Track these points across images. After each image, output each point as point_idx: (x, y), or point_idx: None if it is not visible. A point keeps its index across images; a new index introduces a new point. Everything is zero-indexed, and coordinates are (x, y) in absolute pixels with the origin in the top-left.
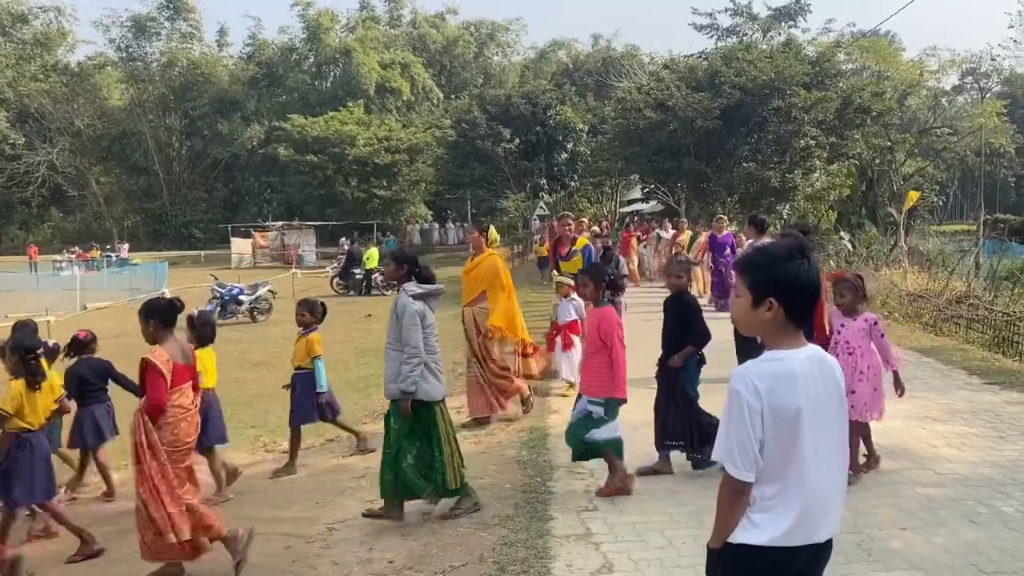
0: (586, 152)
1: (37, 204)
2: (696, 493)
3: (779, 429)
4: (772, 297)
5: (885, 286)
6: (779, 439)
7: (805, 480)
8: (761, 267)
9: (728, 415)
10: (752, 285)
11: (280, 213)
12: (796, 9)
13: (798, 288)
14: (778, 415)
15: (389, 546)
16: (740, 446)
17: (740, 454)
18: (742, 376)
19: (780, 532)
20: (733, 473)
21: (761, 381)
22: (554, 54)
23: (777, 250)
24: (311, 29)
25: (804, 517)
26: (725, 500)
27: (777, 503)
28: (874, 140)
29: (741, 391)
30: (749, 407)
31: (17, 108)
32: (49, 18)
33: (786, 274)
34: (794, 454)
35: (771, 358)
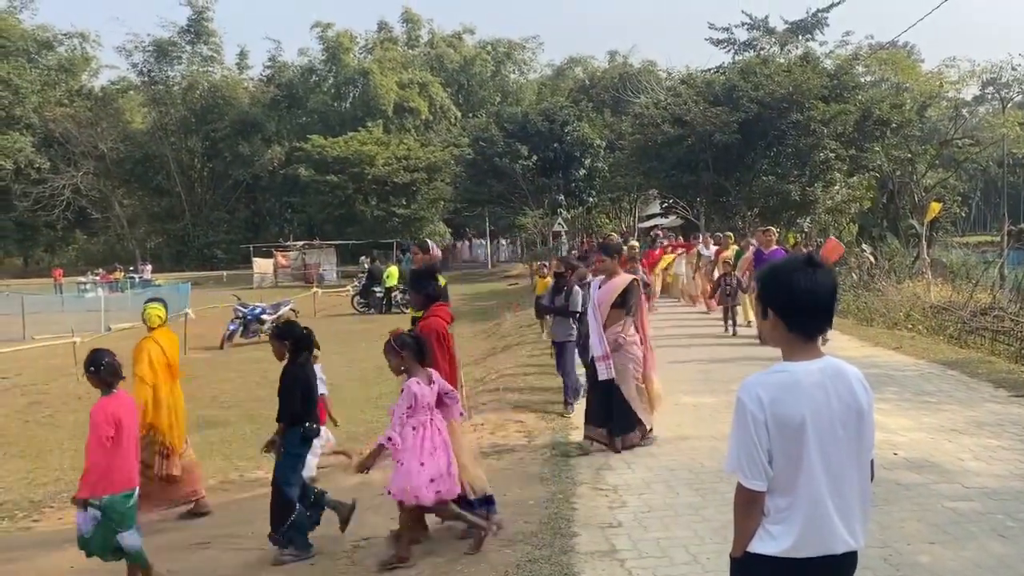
0: (604, 168)
1: (62, 227)
2: (719, 509)
3: (784, 439)
4: (770, 308)
5: (908, 298)
6: (786, 449)
7: (813, 491)
8: (762, 281)
9: (735, 425)
10: (758, 299)
11: (301, 233)
12: (813, 22)
13: (791, 301)
14: (782, 425)
15: (414, 562)
16: (747, 456)
17: (748, 463)
18: (747, 387)
19: (790, 543)
20: (743, 482)
21: (765, 392)
22: (571, 71)
23: (781, 264)
24: (330, 50)
25: (814, 528)
26: (739, 509)
27: (789, 514)
28: (894, 152)
29: (745, 401)
30: (753, 417)
31: (42, 133)
32: (74, 44)
33: (781, 287)
34: (801, 465)
35: (778, 369)
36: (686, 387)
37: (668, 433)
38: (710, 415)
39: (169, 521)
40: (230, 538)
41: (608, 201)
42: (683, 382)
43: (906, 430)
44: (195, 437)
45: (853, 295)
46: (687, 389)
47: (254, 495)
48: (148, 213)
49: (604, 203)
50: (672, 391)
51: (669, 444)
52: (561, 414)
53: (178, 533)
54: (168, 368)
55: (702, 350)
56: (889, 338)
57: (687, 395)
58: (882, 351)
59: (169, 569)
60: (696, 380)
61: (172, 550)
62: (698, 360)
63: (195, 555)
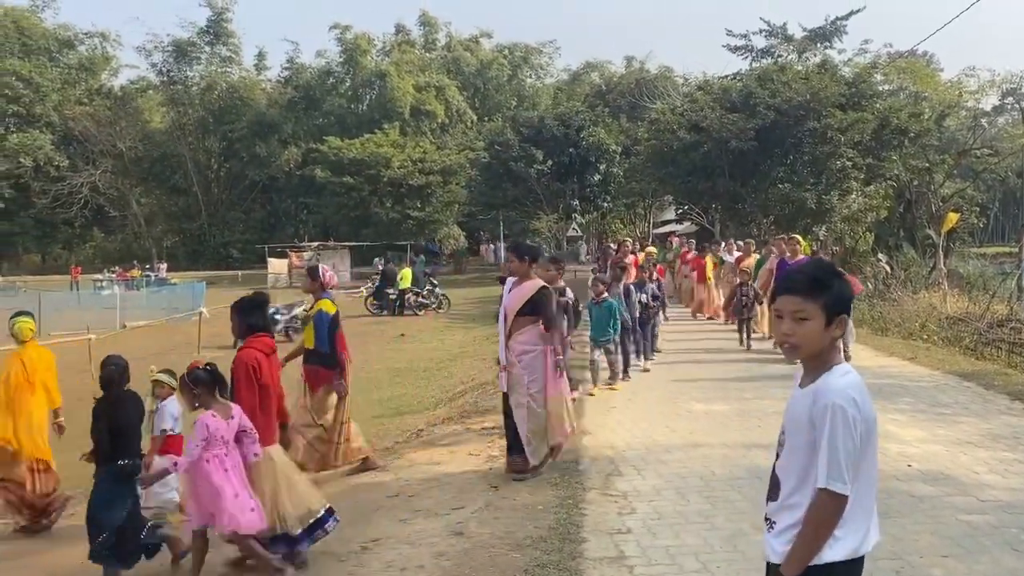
0: (619, 173)
1: (80, 224)
2: (730, 517)
3: (865, 439)
4: (844, 314)
5: (924, 309)
6: (862, 449)
7: (868, 488)
8: (830, 286)
9: (835, 433)
10: (827, 305)
11: (316, 234)
12: (832, 30)
13: (851, 302)
14: (868, 425)
15: (422, 565)
16: (848, 460)
17: (847, 468)
18: (839, 391)
19: (859, 541)
20: (841, 490)
21: (856, 393)
22: (587, 76)
23: (832, 268)
24: (348, 52)
25: (867, 524)
26: (831, 521)
27: (852, 511)
28: (912, 161)
29: (846, 406)
30: (854, 420)
31: (62, 131)
32: (94, 43)
33: (848, 291)
34: (865, 461)
35: (845, 371)
36: (698, 394)
37: (680, 440)
38: (721, 423)
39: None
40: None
41: (623, 207)
42: (695, 389)
43: (920, 442)
44: None
45: (868, 304)
46: (699, 396)
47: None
48: (165, 212)
49: (619, 209)
50: (684, 398)
51: (680, 451)
52: None
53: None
54: (28, 384)
55: (715, 366)
56: (904, 348)
57: (699, 402)
58: (897, 361)
59: (178, 563)
60: (708, 388)
61: None
62: (711, 369)
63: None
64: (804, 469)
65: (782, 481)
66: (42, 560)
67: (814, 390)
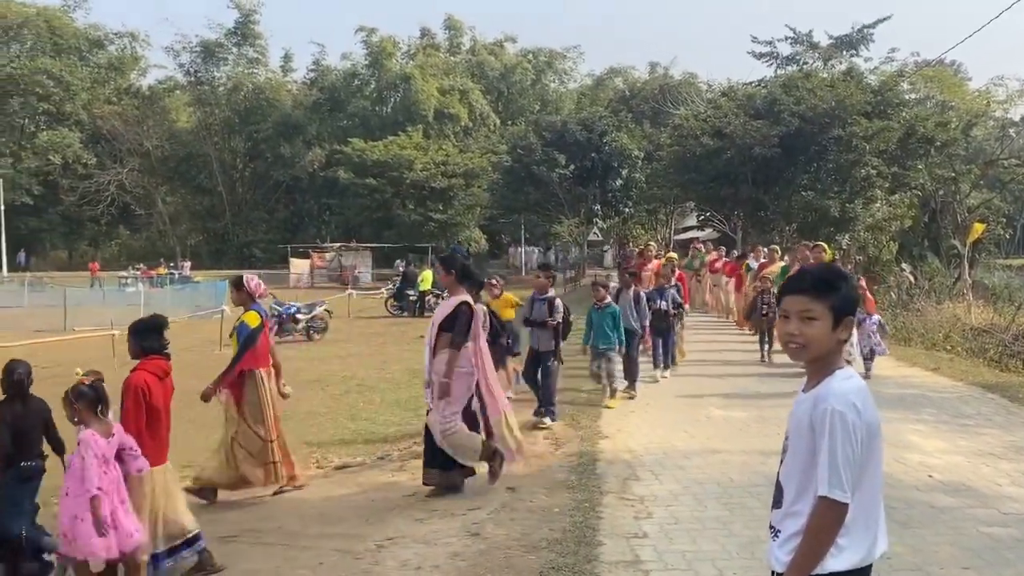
0: (641, 179)
1: (106, 222)
2: (748, 524)
3: (867, 446)
4: (850, 316)
5: (947, 319)
6: (864, 456)
7: (873, 495)
8: (838, 288)
9: (834, 439)
10: (835, 306)
11: (338, 235)
12: (858, 38)
13: (858, 305)
14: (870, 431)
15: (438, 565)
16: (847, 466)
17: (847, 475)
18: (840, 397)
19: (865, 550)
20: (840, 498)
21: (857, 399)
22: (611, 81)
23: (839, 271)
24: (374, 55)
25: (872, 533)
26: (830, 530)
27: (856, 519)
28: (938, 171)
29: (846, 412)
30: (854, 426)
31: (90, 129)
32: (124, 43)
33: (854, 293)
34: (869, 468)
35: (848, 376)
36: (717, 400)
37: (698, 446)
38: (740, 429)
39: (198, 514)
40: (255, 532)
41: (644, 212)
42: (714, 395)
43: (942, 452)
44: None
45: (891, 314)
46: (718, 402)
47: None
48: (190, 211)
49: (640, 214)
50: (702, 404)
51: (698, 457)
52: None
53: (205, 527)
54: None
55: (734, 369)
56: (927, 359)
57: (718, 408)
58: (919, 371)
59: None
60: (727, 394)
61: None
62: (729, 375)
63: (221, 547)
64: (805, 475)
65: (785, 488)
66: None
67: (815, 395)
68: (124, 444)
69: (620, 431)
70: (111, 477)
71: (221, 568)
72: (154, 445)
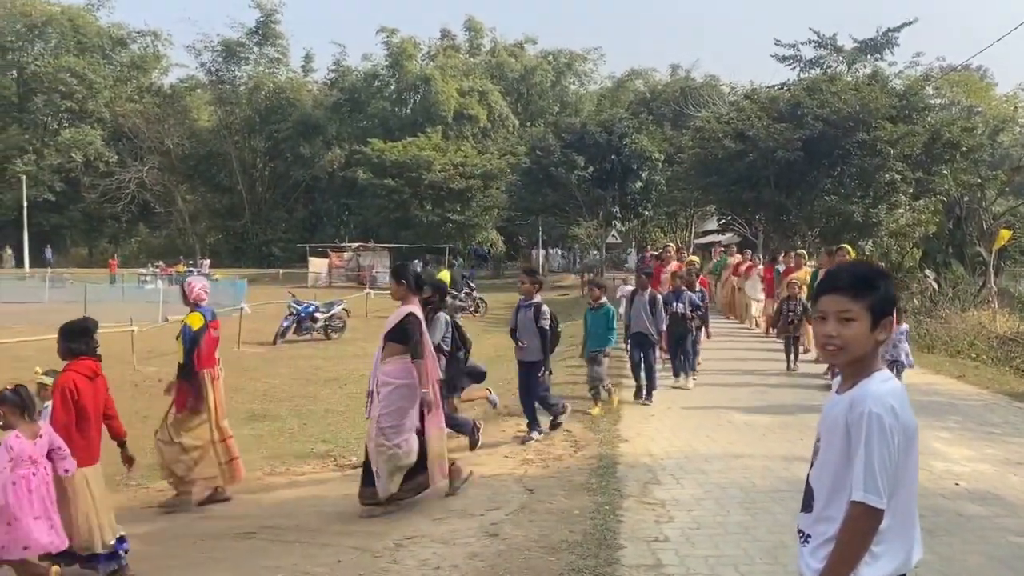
0: (661, 181)
1: (126, 219)
2: (771, 529)
3: (904, 450)
4: (890, 316)
5: (972, 327)
6: (901, 460)
7: (909, 501)
8: (877, 287)
9: (870, 443)
10: (873, 306)
11: (356, 234)
12: (883, 42)
13: (897, 304)
14: (907, 435)
15: (456, 565)
16: (884, 471)
17: (883, 480)
18: (877, 399)
19: (902, 559)
20: (876, 504)
21: (895, 401)
22: (631, 83)
23: (878, 269)
24: (394, 56)
25: (910, 540)
26: (865, 537)
27: (892, 525)
28: (963, 176)
29: (883, 415)
30: (891, 429)
31: (112, 127)
32: (146, 42)
33: (893, 292)
34: (905, 473)
35: (886, 378)
36: (739, 405)
37: (720, 450)
38: (762, 434)
39: (217, 509)
40: (274, 530)
41: (664, 215)
42: (736, 400)
43: (968, 460)
44: (244, 430)
45: (914, 321)
46: (740, 407)
47: (298, 489)
48: (209, 209)
49: (660, 217)
50: (724, 408)
51: (720, 461)
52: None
53: (224, 522)
54: None
55: (757, 376)
56: (952, 366)
57: (739, 413)
58: (944, 379)
59: (214, 557)
60: (749, 399)
61: (218, 538)
62: (752, 380)
63: (240, 544)
64: (838, 479)
65: (816, 491)
66: None
67: (851, 397)
68: (53, 444)
69: (640, 434)
70: (40, 479)
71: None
72: (84, 445)
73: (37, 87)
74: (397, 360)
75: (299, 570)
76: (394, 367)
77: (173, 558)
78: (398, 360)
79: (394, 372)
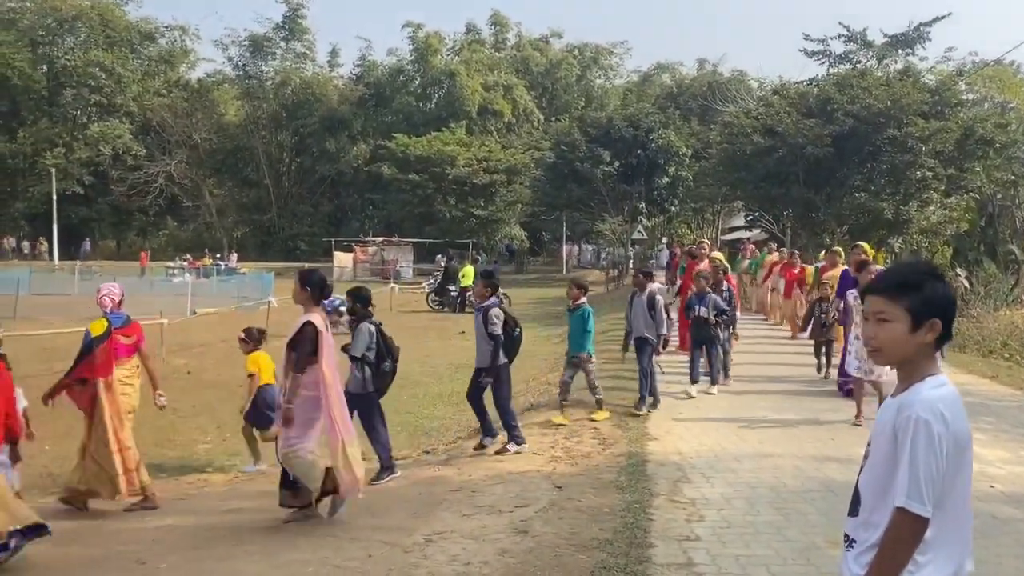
0: (688, 177)
1: (154, 212)
2: (802, 529)
3: (954, 458)
4: (936, 318)
5: (1005, 326)
6: (950, 470)
7: (964, 510)
8: (918, 287)
9: (916, 449)
10: (913, 307)
11: (381, 229)
12: (914, 37)
13: (952, 306)
14: (959, 443)
15: (487, 561)
16: (929, 479)
17: (928, 488)
18: (926, 404)
19: (951, 571)
20: (919, 511)
21: (946, 408)
22: (658, 77)
23: (926, 268)
24: (419, 51)
25: (960, 553)
26: (907, 545)
27: (939, 536)
28: (996, 173)
29: (931, 420)
30: (940, 436)
31: (140, 121)
32: (174, 37)
33: (942, 292)
34: (956, 483)
35: (940, 383)
36: (769, 404)
37: (750, 449)
38: (793, 435)
39: (248, 502)
40: (304, 523)
41: (690, 211)
42: (766, 399)
43: (1004, 462)
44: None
45: None
46: (770, 406)
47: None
48: (236, 203)
49: (686, 213)
50: (754, 408)
51: (751, 460)
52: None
53: (255, 515)
54: None
55: (787, 376)
56: (984, 366)
57: (770, 412)
58: (977, 379)
59: (246, 549)
60: (780, 398)
61: (250, 531)
62: (783, 380)
63: (270, 537)
64: (884, 485)
65: (863, 496)
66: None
67: (901, 401)
68: None
69: (669, 433)
70: None
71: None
72: None
73: (67, 81)
74: (293, 377)
75: (329, 563)
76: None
77: (204, 550)
78: (293, 376)
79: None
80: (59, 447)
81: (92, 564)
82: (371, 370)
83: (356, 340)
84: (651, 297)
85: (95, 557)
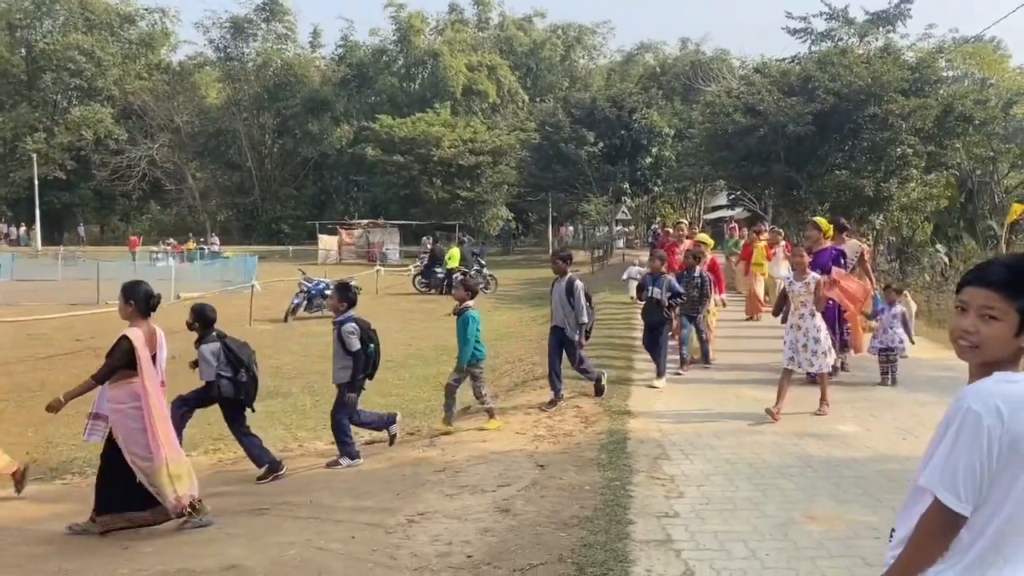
0: (671, 157)
1: (137, 197)
2: (780, 505)
3: (1010, 462)
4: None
5: None
6: (1003, 474)
7: (1016, 521)
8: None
9: (957, 437)
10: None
11: (366, 211)
12: (895, 14)
13: None
14: (1015, 446)
15: (468, 540)
16: (969, 473)
17: (966, 482)
18: (979, 395)
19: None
20: (951, 504)
21: (1005, 403)
22: (641, 57)
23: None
24: (402, 31)
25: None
26: (931, 538)
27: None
28: (975, 150)
29: (981, 412)
30: (989, 431)
31: (122, 105)
32: (154, 19)
33: None
34: (1010, 494)
35: (1009, 379)
36: (750, 380)
37: (730, 426)
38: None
39: (232, 486)
40: (288, 505)
41: (674, 191)
42: (746, 377)
43: None
44: (257, 407)
45: (925, 296)
46: (750, 383)
47: (312, 465)
48: (219, 186)
49: (669, 192)
50: (735, 385)
51: (730, 437)
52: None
53: (238, 499)
54: None
55: (768, 355)
56: None
57: (750, 388)
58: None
59: (229, 532)
60: (760, 375)
61: (233, 514)
62: (765, 360)
63: (254, 520)
64: None
65: (911, 490)
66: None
67: (962, 391)
68: None
69: (649, 410)
70: None
71: None
72: None
73: (46, 65)
74: (122, 385)
75: (313, 546)
76: (118, 391)
77: (186, 533)
78: (123, 385)
79: (119, 397)
80: (42, 433)
81: (76, 549)
82: (232, 386)
83: (200, 367)
84: (569, 284)
85: (79, 542)
